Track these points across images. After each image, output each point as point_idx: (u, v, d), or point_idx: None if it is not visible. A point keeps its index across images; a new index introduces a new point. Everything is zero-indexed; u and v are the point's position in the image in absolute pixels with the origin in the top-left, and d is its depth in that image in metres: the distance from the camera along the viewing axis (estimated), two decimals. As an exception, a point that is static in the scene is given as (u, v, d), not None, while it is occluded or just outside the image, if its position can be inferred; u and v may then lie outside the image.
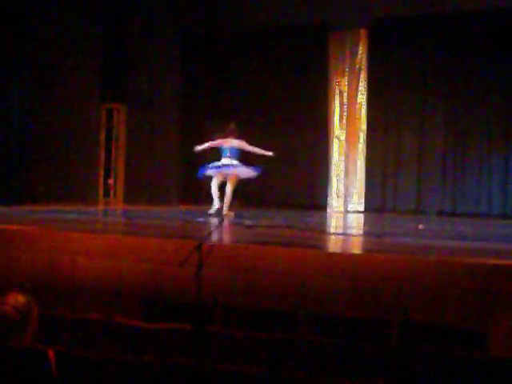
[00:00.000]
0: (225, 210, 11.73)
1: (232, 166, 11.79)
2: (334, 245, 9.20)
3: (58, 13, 14.17)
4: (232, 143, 11.92)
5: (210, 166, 11.90)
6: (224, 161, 11.86)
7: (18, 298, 4.03)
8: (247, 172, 11.93)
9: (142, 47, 15.64)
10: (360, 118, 15.68)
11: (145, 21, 15.61)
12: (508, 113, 14.20)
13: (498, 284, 6.07)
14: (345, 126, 15.88)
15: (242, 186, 16.13)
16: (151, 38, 15.65)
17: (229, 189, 11.79)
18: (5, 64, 13.54)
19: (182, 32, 16.08)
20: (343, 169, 15.86)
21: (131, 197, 15.51)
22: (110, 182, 15.87)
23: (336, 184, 15.91)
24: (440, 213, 14.52)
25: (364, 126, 15.60)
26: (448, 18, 14.36)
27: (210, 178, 12.00)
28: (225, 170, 11.82)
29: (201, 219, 11.15)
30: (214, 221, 10.91)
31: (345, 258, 6.94)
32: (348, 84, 15.80)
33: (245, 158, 12.19)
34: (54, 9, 14.14)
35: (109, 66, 15.26)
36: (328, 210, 15.73)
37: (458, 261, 6.53)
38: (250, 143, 13.22)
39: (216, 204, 11.76)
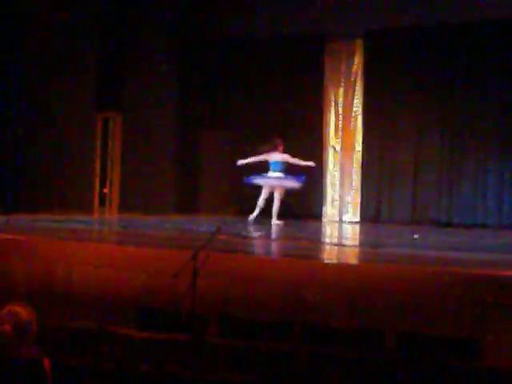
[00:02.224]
0: (274, 220, 12.70)
1: (278, 178, 12.72)
2: (330, 255, 9.20)
3: (54, 21, 14.17)
4: (277, 158, 12.77)
5: (260, 176, 12.85)
6: (271, 174, 12.77)
7: (18, 312, 4.00)
8: (292, 183, 12.77)
9: (139, 57, 15.66)
10: (355, 128, 15.69)
11: (142, 30, 15.63)
12: (503, 124, 14.22)
13: (493, 294, 6.07)
14: (340, 136, 15.88)
15: (236, 195, 16.24)
16: (148, 48, 15.67)
17: (276, 200, 12.79)
18: (1, 72, 13.54)
19: (179, 41, 16.10)
20: (338, 178, 15.86)
21: (126, 206, 15.49)
22: (106, 190, 15.87)
23: (331, 194, 15.91)
24: (435, 223, 14.52)
25: (359, 136, 15.60)
26: (444, 29, 14.38)
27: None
28: (272, 182, 12.76)
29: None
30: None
31: (341, 268, 6.95)
32: (344, 94, 15.82)
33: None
34: (51, 17, 14.14)
35: (105, 74, 15.27)
36: (323, 220, 15.73)
37: (453, 271, 6.53)
38: (246, 153, 13.32)
39: (257, 213, 12.84)
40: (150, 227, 12.15)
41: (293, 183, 12.75)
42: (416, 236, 11.05)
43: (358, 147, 15.63)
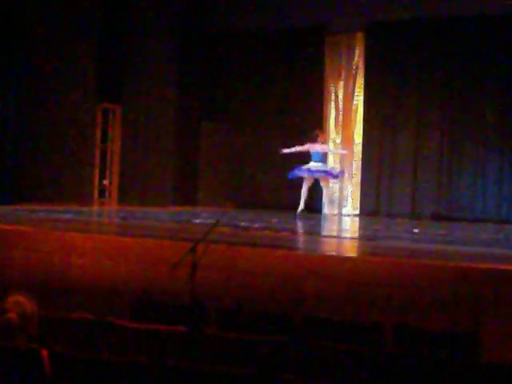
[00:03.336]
0: (326, 209, 13.59)
1: (321, 170, 13.32)
2: (328, 248, 9.21)
3: (55, 13, 14.16)
4: (318, 148, 13.36)
5: (302, 168, 13.38)
6: (313, 164, 13.31)
7: (21, 302, 4.02)
8: (334, 174, 13.61)
9: (139, 48, 15.63)
10: (355, 122, 15.68)
11: (142, 22, 15.60)
12: (503, 117, 14.21)
13: (491, 288, 6.08)
14: (340, 129, 15.88)
15: (235, 187, 16.25)
16: (148, 39, 15.65)
17: (325, 191, 13.60)
18: (0, 64, 13.52)
19: (179, 33, 16.08)
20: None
21: (126, 197, 15.50)
22: (105, 182, 15.86)
23: (331, 187, 15.89)
24: (435, 217, 14.52)
25: (359, 130, 15.60)
26: (444, 22, 14.37)
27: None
28: (316, 175, 13.38)
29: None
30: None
31: (340, 261, 6.95)
32: (344, 87, 15.81)
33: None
34: (52, 9, 14.12)
35: (105, 66, 15.24)
36: (323, 213, 15.72)
37: (452, 265, 6.54)
38: (245, 145, 13.41)
39: (303, 205, 13.44)
40: (149, 219, 12.15)
41: (335, 174, 13.58)
42: (416, 230, 11.06)
43: (358, 140, 15.63)
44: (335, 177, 13.98)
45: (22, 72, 13.86)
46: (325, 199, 13.80)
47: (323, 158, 13.59)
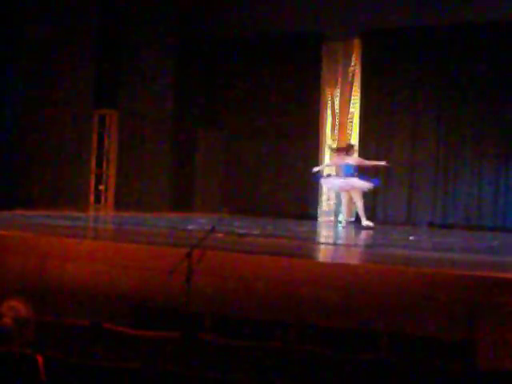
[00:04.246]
0: (363, 222, 12.76)
1: (350, 183, 12.73)
2: (324, 255, 9.21)
3: (52, 19, 14.16)
4: (348, 161, 12.81)
5: (332, 180, 13.12)
6: (342, 177, 12.85)
7: (17, 307, 4.01)
8: (367, 185, 12.83)
9: (136, 54, 15.65)
10: (352, 128, 15.70)
11: (139, 28, 15.62)
12: (499, 124, 14.24)
13: (486, 296, 6.09)
14: (336, 136, 15.90)
15: (231, 194, 16.25)
16: (145, 46, 15.66)
17: (358, 203, 12.92)
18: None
19: (176, 40, 16.10)
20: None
21: (122, 203, 15.49)
22: (101, 187, 15.86)
23: (327, 194, 15.91)
24: (430, 224, 14.53)
25: (356, 136, 15.62)
26: (441, 29, 14.40)
27: None
28: (346, 187, 12.90)
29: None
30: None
31: (336, 268, 6.96)
32: (340, 94, 15.82)
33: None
34: (49, 15, 14.13)
35: (102, 71, 15.25)
36: (319, 220, 15.73)
37: (447, 272, 6.55)
38: (242, 151, 13.32)
39: (345, 215, 13.26)
40: (145, 225, 12.14)
41: (368, 185, 12.84)
42: (411, 238, 11.07)
43: (355, 147, 15.63)
44: (369, 185, 12.94)
45: (18, 78, 13.86)
46: (359, 212, 12.99)
47: (354, 169, 12.77)
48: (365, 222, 12.73)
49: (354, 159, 12.92)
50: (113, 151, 15.82)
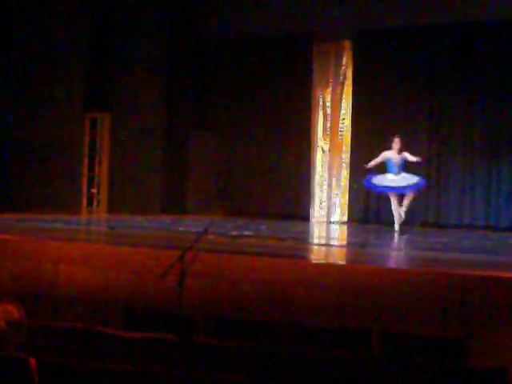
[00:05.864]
0: (396, 225, 12.32)
1: (401, 186, 12.28)
2: (317, 255, 9.22)
3: (42, 22, 14.14)
4: (395, 157, 12.39)
5: (382, 182, 12.42)
6: (393, 177, 12.30)
7: (10, 310, 4.01)
8: (417, 185, 12.38)
9: (127, 56, 15.62)
10: (344, 129, 15.71)
11: (130, 30, 15.60)
12: (492, 124, 14.27)
13: (480, 295, 6.10)
14: (328, 137, 15.89)
15: (224, 195, 16.26)
16: (136, 48, 15.64)
17: (406, 204, 12.35)
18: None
19: (167, 42, 16.09)
20: (326, 179, 15.85)
21: (114, 206, 15.47)
22: (93, 191, 15.84)
23: (319, 194, 15.92)
24: (423, 224, 14.54)
25: (348, 137, 15.62)
26: (432, 30, 14.42)
27: None
28: (400, 191, 12.40)
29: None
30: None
31: (328, 268, 6.97)
32: (332, 95, 15.83)
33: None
34: (39, 19, 14.11)
35: (93, 74, 15.23)
36: (311, 221, 15.74)
37: (440, 272, 6.56)
38: (234, 153, 13.27)
39: (398, 222, 12.36)
40: (138, 227, 12.14)
41: (417, 185, 12.38)
42: (404, 237, 11.10)
43: (346, 148, 15.64)
44: (418, 188, 12.61)
45: (9, 81, 13.84)
46: (402, 210, 12.36)
47: (402, 167, 12.37)
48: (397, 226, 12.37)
49: (398, 155, 12.39)
50: (105, 154, 15.79)
